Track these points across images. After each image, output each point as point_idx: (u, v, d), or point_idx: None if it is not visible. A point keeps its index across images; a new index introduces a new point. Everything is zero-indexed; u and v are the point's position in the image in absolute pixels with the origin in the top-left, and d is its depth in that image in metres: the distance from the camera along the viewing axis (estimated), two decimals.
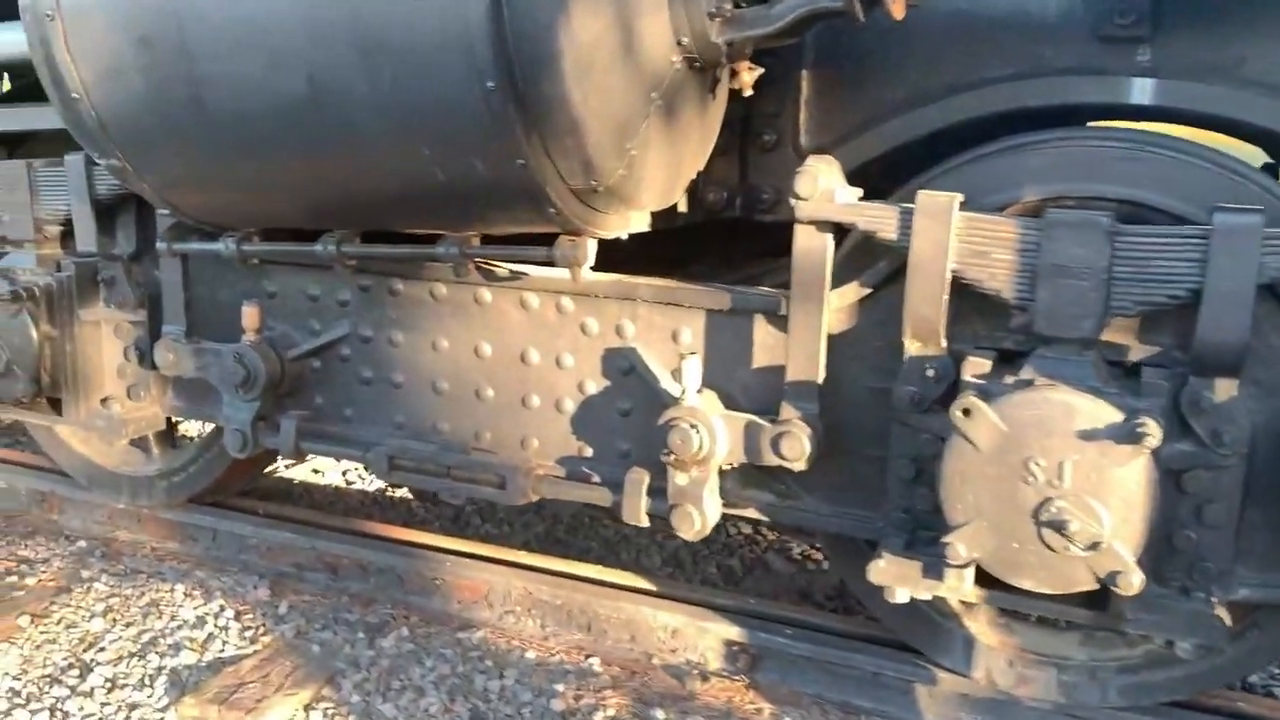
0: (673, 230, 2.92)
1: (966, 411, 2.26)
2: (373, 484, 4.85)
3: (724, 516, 2.79)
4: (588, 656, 3.20)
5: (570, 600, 3.29)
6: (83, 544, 4.00)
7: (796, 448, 2.52)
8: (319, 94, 2.34)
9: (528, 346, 3.01)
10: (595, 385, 2.94)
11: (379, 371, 3.24)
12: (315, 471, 4.92)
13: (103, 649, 3.28)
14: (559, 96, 2.19)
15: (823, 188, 2.40)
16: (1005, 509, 2.28)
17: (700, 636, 3.13)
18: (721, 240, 3.60)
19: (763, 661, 3.05)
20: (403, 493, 4.73)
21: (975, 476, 2.30)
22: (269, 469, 4.56)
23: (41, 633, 3.39)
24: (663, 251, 3.06)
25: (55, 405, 3.58)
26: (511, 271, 2.94)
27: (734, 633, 3.08)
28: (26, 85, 3.68)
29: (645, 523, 2.77)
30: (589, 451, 2.98)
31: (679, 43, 2.34)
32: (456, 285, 3.07)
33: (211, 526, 3.88)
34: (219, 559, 3.84)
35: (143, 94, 2.53)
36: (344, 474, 4.95)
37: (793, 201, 2.43)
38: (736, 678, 3.06)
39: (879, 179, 2.70)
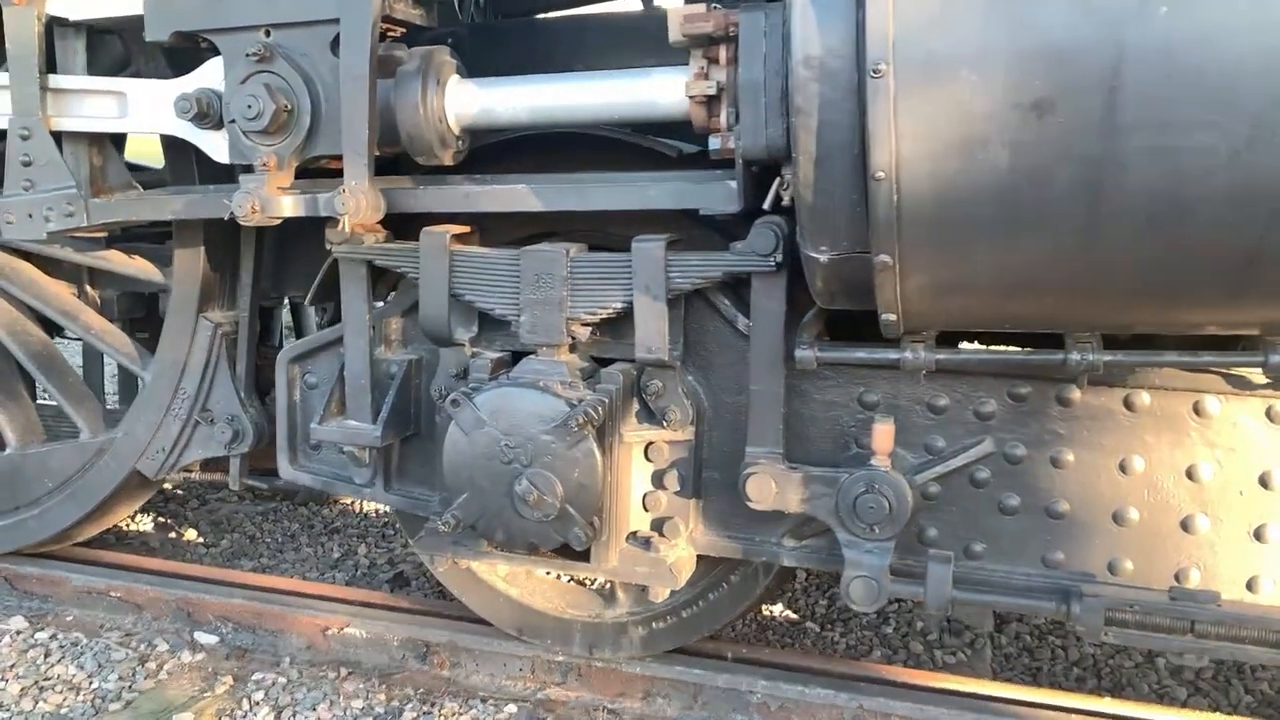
0: None
1: None
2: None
3: None
4: None
5: None
6: (512, 709, 3.23)
7: None
8: None
9: (1273, 468, 2.48)
10: None
11: (1030, 498, 2.65)
12: None
13: None
14: None
15: None
16: None
17: None
18: None
19: None
20: (795, 609, 4.10)
21: None
22: None
23: None
24: None
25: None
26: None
27: None
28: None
29: None
30: None
31: None
32: (1169, 394, 2.52)
33: (695, 681, 3.17)
34: None
35: (1000, 175, 1.93)
36: None
37: None
38: None
39: None
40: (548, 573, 3.21)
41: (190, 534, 4.86)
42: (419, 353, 3.07)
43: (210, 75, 2.86)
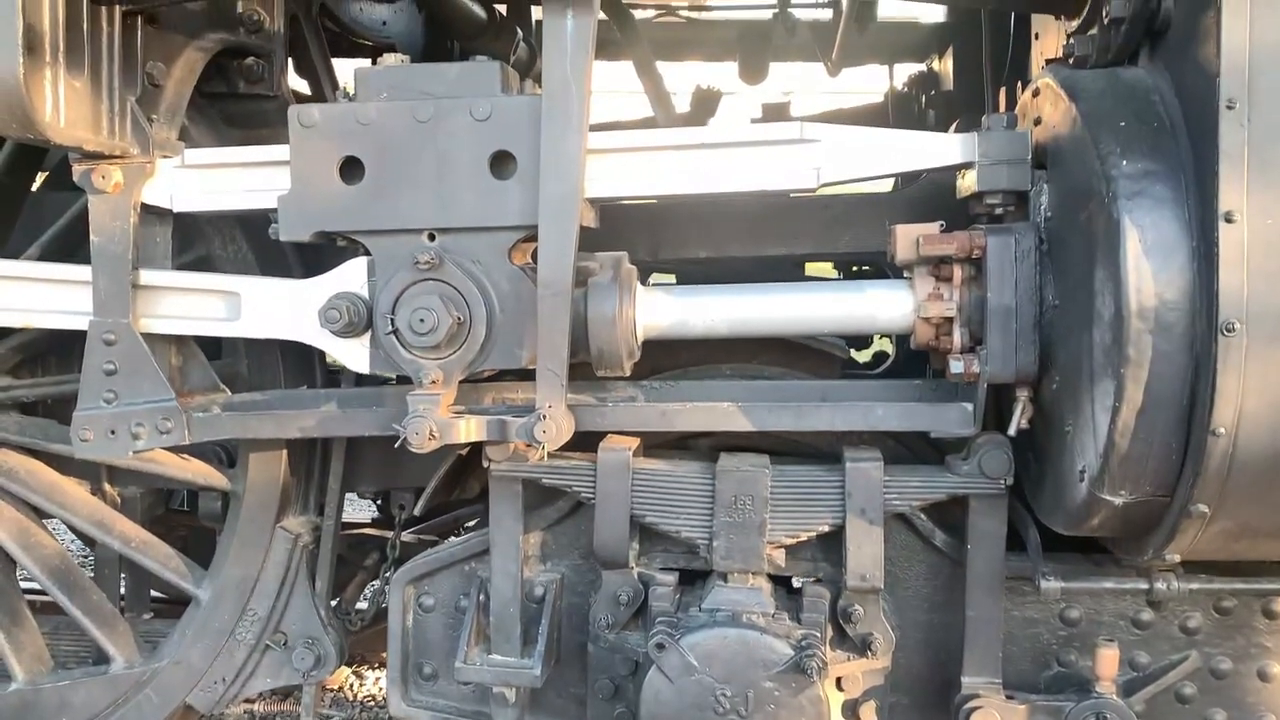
0: None
1: None
2: None
3: None
4: None
5: None
6: None
7: None
8: None
9: None
10: None
11: (1237, 712, 2.62)
12: None
13: None
14: None
15: None
16: None
17: None
18: None
19: None
20: None
21: None
22: None
23: None
24: None
25: None
26: None
27: None
28: None
29: None
30: None
31: None
32: None
33: None
34: None
35: None
36: None
37: None
38: None
39: None
40: None
41: None
42: (559, 570, 2.80)
43: (351, 278, 2.55)
